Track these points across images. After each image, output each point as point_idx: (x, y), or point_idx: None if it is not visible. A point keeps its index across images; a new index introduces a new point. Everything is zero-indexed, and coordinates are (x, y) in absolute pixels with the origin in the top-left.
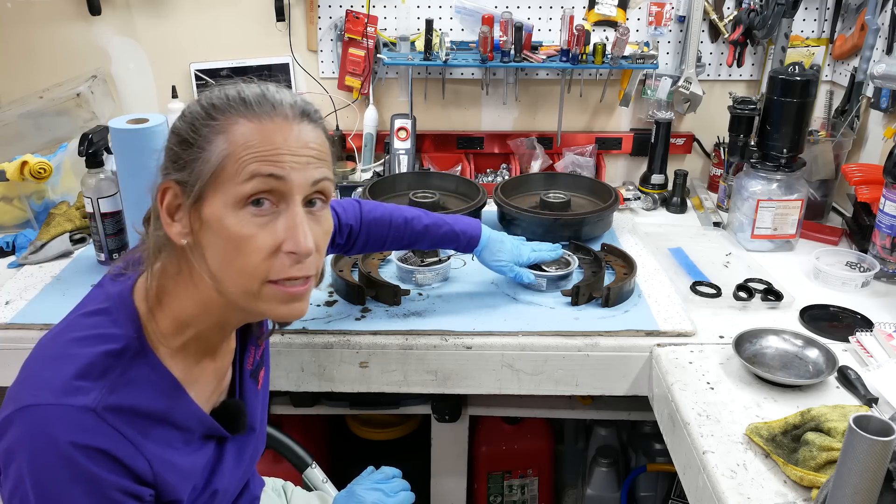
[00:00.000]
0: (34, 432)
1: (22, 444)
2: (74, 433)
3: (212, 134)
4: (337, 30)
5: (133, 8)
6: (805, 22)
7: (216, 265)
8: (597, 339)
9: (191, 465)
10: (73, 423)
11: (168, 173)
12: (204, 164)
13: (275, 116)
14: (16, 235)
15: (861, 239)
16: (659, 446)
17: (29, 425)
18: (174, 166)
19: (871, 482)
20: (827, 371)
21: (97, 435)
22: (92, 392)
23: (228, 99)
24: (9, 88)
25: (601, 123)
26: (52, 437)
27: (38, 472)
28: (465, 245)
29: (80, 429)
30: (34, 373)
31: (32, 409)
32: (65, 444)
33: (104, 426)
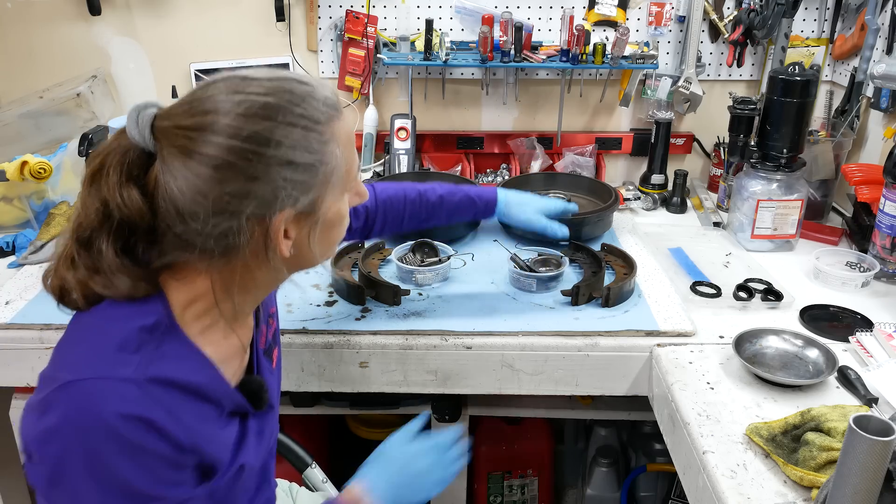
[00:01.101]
0: (79, 407)
1: (68, 420)
2: (120, 404)
3: (328, 147)
4: (337, 30)
5: (133, 8)
6: (805, 22)
7: (323, 249)
8: (597, 339)
9: (224, 439)
10: (118, 394)
11: (287, 205)
12: (329, 176)
13: (340, 106)
14: (16, 235)
15: (861, 239)
16: (659, 446)
17: (72, 401)
18: (300, 194)
19: (871, 482)
20: (827, 371)
21: (142, 405)
22: (131, 364)
23: (324, 105)
24: (9, 88)
25: (601, 123)
26: (98, 411)
27: (87, 447)
28: (484, 208)
29: (124, 400)
30: (69, 352)
31: (74, 384)
32: (112, 415)
33: (147, 396)
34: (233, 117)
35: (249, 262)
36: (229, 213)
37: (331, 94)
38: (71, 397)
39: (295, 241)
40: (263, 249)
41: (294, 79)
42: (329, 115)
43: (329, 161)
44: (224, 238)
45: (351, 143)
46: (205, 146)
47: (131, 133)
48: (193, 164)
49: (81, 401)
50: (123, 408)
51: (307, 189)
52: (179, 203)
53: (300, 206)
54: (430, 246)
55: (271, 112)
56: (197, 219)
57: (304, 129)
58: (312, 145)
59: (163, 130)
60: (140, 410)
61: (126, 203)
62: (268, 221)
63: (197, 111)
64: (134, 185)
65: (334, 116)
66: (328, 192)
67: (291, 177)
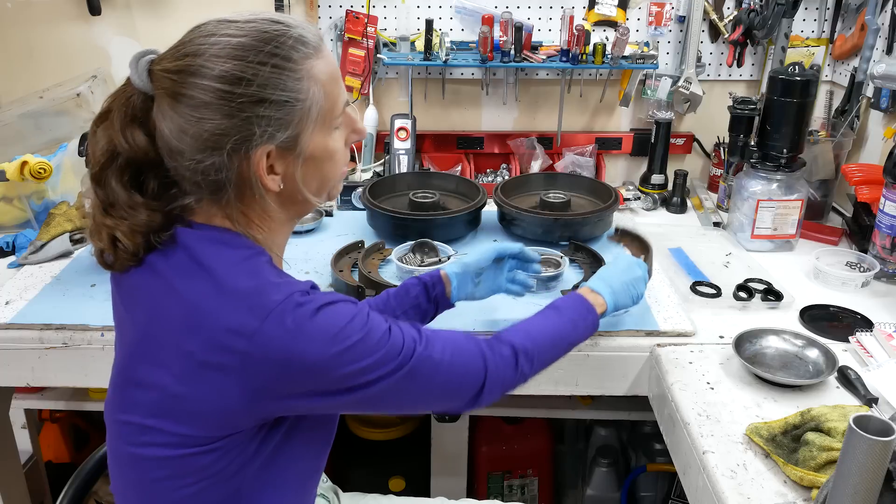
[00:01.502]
0: (295, 318)
1: (292, 333)
2: (312, 303)
3: (303, 84)
4: (337, 30)
5: (133, 8)
6: (805, 22)
7: (318, 184)
8: (597, 339)
9: None
10: (305, 301)
11: (258, 144)
12: (307, 112)
13: (322, 46)
14: (16, 235)
15: (861, 239)
16: (659, 446)
17: (284, 317)
18: (275, 130)
19: (871, 482)
20: (827, 371)
21: (322, 298)
22: (292, 283)
23: (296, 45)
24: (9, 88)
25: (601, 123)
26: (308, 311)
27: (325, 327)
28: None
29: (311, 301)
30: (234, 304)
31: (275, 310)
32: (316, 309)
33: (318, 295)
34: (207, 58)
35: (249, 195)
36: (211, 150)
37: (307, 33)
38: (281, 316)
39: (284, 177)
40: (252, 183)
41: (269, 19)
42: (305, 53)
43: (305, 98)
44: (210, 173)
45: (334, 81)
46: (185, 87)
47: (133, 78)
48: (178, 105)
49: (292, 316)
50: (314, 304)
51: (284, 125)
52: (170, 142)
53: (279, 142)
54: (430, 246)
55: (242, 52)
56: (183, 156)
57: (276, 68)
58: (286, 83)
59: (155, 75)
60: (324, 299)
61: (129, 142)
62: (248, 156)
63: (179, 55)
64: (138, 127)
65: (310, 55)
66: (309, 128)
67: (265, 113)
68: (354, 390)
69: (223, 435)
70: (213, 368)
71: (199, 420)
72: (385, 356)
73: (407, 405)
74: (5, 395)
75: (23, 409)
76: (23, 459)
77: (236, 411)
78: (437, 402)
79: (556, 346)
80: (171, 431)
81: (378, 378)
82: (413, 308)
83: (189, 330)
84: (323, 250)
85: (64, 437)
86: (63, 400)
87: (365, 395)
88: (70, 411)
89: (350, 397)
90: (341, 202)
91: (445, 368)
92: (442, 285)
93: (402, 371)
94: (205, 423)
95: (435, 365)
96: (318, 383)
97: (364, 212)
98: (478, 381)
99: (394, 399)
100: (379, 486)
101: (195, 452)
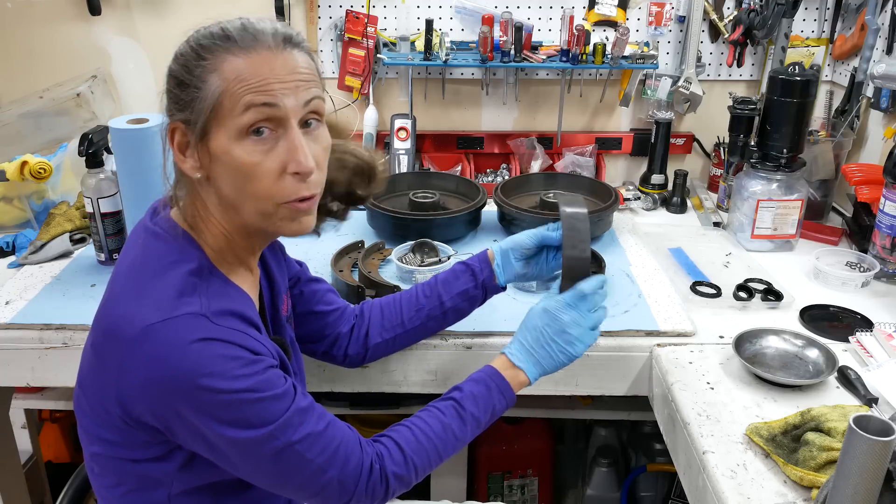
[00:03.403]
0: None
1: (158, 360)
2: (198, 332)
3: (205, 73)
4: (337, 30)
5: (133, 8)
6: (805, 22)
7: (231, 194)
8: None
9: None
10: (193, 327)
11: (172, 114)
12: (202, 102)
13: (259, 47)
14: (16, 235)
15: (861, 239)
16: (659, 446)
17: (155, 344)
18: (176, 107)
19: (871, 482)
20: (827, 371)
21: (216, 332)
22: (194, 304)
23: (214, 37)
24: (9, 88)
25: (601, 123)
26: (181, 341)
27: (179, 382)
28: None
29: (201, 329)
30: (131, 300)
31: (153, 327)
32: (193, 342)
33: (217, 327)
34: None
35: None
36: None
37: (257, 31)
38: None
39: (202, 168)
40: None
41: (242, 16)
42: (223, 48)
43: (202, 87)
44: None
45: (244, 84)
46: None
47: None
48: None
49: (165, 337)
50: (204, 334)
51: (180, 104)
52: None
53: (179, 120)
54: (430, 246)
55: (193, 35)
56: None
57: (191, 50)
58: (189, 65)
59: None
60: (219, 335)
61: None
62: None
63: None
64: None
65: (229, 49)
66: (212, 125)
67: (171, 88)
68: (207, 436)
69: (122, 441)
70: (98, 368)
71: (98, 419)
72: (248, 420)
73: (262, 483)
74: (5, 395)
75: (23, 409)
76: (23, 459)
77: (114, 416)
78: (292, 494)
79: (443, 455)
80: (86, 427)
81: (233, 437)
82: (460, 294)
83: (95, 323)
84: (323, 250)
85: (64, 437)
86: (63, 400)
87: (217, 445)
88: (70, 411)
89: (205, 441)
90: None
91: (309, 473)
92: (489, 268)
93: (263, 445)
94: (102, 422)
95: (302, 463)
96: (178, 407)
97: (364, 212)
98: (340, 500)
99: (250, 469)
100: None
101: (113, 456)
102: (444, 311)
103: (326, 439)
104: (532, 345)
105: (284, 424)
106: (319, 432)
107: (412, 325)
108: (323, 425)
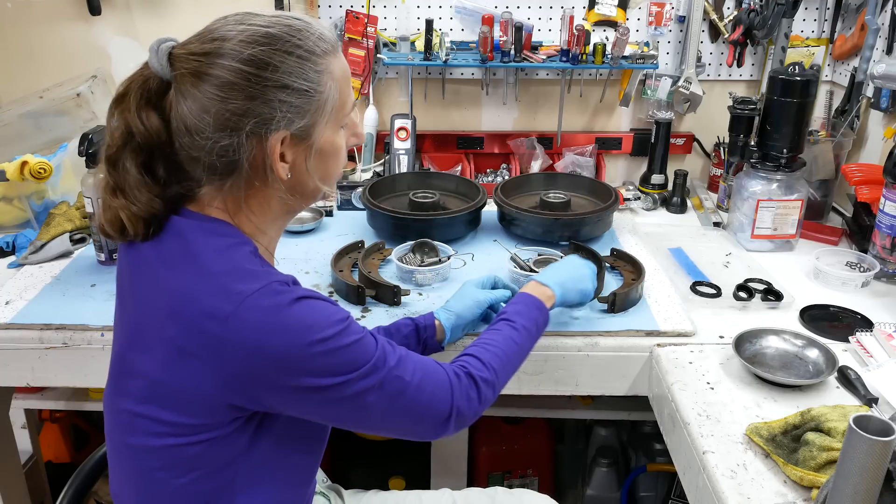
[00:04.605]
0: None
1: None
2: (291, 294)
3: (322, 77)
4: (337, 30)
5: (133, 8)
6: (805, 22)
7: (322, 178)
8: (597, 339)
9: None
10: (284, 291)
11: (284, 125)
12: (322, 105)
13: (338, 45)
14: (16, 235)
15: (861, 239)
16: (659, 446)
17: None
18: (293, 116)
19: (871, 482)
20: (827, 371)
21: (304, 291)
22: (272, 273)
23: (320, 40)
24: (9, 88)
25: (601, 123)
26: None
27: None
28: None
29: (291, 292)
30: (206, 285)
31: (247, 299)
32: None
33: (300, 287)
34: (236, 42)
35: (254, 183)
36: (230, 130)
37: (327, 32)
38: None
39: (292, 166)
40: (263, 169)
41: (293, 16)
42: (324, 49)
43: (323, 91)
44: (226, 153)
45: (346, 81)
46: (212, 68)
47: (152, 63)
48: (202, 84)
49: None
50: (294, 295)
51: (301, 113)
52: (188, 120)
53: (295, 129)
54: (430, 246)
55: (270, 39)
56: (202, 134)
57: (300, 58)
58: (307, 73)
59: (178, 58)
60: (305, 293)
61: (144, 124)
62: (265, 140)
63: (206, 39)
64: (153, 109)
65: (329, 51)
66: (322, 121)
67: (286, 99)
68: (320, 391)
69: (204, 424)
70: (189, 354)
71: (181, 407)
72: (355, 361)
73: (372, 422)
74: (5, 395)
75: (23, 409)
76: (23, 459)
77: (211, 399)
78: (401, 425)
79: (514, 363)
80: (158, 419)
81: (344, 382)
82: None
83: (170, 315)
84: (323, 250)
85: (64, 437)
86: (63, 400)
87: (329, 399)
88: (70, 411)
89: (314, 399)
90: (341, 202)
91: (413, 391)
92: (433, 330)
93: (370, 381)
94: (186, 410)
95: (404, 386)
96: (286, 375)
97: (364, 212)
98: (443, 412)
99: (359, 412)
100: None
101: (183, 443)
102: None
103: (412, 360)
104: (552, 270)
105: (382, 354)
106: (404, 355)
107: None
108: (403, 350)
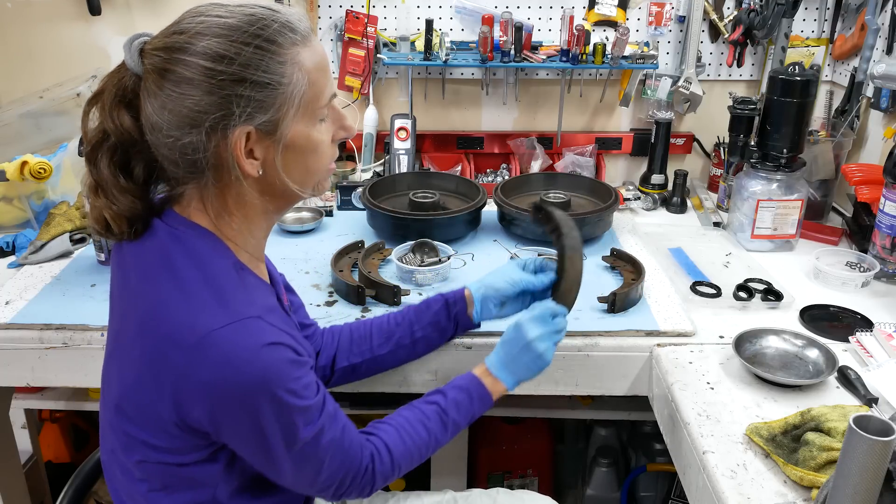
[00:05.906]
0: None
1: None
2: (262, 336)
3: (286, 69)
4: (337, 30)
5: (133, 8)
6: (805, 22)
7: (300, 175)
8: (597, 339)
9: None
10: (255, 330)
11: (244, 120)
12: (288, 97)
13: (309, 34)
14: (16, 235)
15: (861, 239)
16: (659, 446)
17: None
18: (254, 111)
19: (871, 482)
20: (827, 371)
21: (275, 335)
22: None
23: (282, 29)
24: (9, 88)
25: (601, 123)
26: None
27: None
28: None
29: (262, 333)
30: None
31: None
32: (260, 347)
33: (273, 328)
34: (192, 35)
35: (226, 182)
36: (189, 126)
37: (295, 21)
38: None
39: (264, 163)
40: (230, 167)
41: (260, 5)
42: (291, 40)
43: (288, 83)
44: (188, 152)
45: (321, 71)
46: (171, 63)
47: (126, 59)
48: (162, 80)
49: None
50: (265, 339)
51: (264, 107)
52: (152, 118)
53: (258, 124)
54: (430, 246)
55: (227, 31)
56: (163, 131)
57: (259, 49)
58: (267, 65)
59: (146, 54)
60: (275, 338)
61: (115, 122)
62: (227, 136)
63: (168, 33)
64: (125, 108)
65: (296, 41)
66: (290, 115)
67: (244, 93)
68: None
69: (168, 448)
70: (151, 376)
71: (147, 426)
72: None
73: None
74: (5, 395)
75: (23, 409)
76: (23, 459)
77: (168, 423)
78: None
79: (423, 457)
80: (128, 433)
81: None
82: (432, 325)
83: (139, 333)
84: (323, 250)
85: (64, 437)
86: (63, 400)
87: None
88: (70, 411)
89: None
90: (341, 202)
91: (326, 467)
92: (464, 303)
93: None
94: (150, 430)
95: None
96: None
97: (364, 212)
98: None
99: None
100: None
101: (153, 461)
102: (415, 341)
103: (347, 441)
104: (506, 357)
105: (321, 424)
106: (340, 434)
107: (381, 352)
108: (340, 426)
